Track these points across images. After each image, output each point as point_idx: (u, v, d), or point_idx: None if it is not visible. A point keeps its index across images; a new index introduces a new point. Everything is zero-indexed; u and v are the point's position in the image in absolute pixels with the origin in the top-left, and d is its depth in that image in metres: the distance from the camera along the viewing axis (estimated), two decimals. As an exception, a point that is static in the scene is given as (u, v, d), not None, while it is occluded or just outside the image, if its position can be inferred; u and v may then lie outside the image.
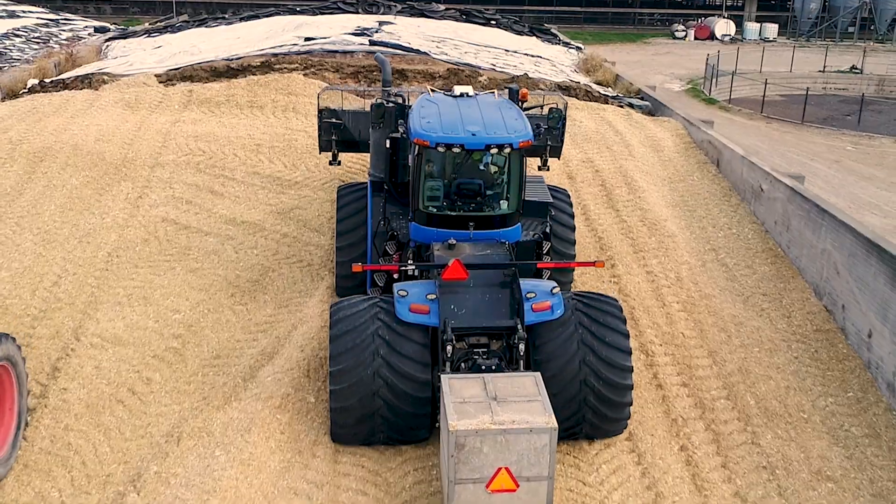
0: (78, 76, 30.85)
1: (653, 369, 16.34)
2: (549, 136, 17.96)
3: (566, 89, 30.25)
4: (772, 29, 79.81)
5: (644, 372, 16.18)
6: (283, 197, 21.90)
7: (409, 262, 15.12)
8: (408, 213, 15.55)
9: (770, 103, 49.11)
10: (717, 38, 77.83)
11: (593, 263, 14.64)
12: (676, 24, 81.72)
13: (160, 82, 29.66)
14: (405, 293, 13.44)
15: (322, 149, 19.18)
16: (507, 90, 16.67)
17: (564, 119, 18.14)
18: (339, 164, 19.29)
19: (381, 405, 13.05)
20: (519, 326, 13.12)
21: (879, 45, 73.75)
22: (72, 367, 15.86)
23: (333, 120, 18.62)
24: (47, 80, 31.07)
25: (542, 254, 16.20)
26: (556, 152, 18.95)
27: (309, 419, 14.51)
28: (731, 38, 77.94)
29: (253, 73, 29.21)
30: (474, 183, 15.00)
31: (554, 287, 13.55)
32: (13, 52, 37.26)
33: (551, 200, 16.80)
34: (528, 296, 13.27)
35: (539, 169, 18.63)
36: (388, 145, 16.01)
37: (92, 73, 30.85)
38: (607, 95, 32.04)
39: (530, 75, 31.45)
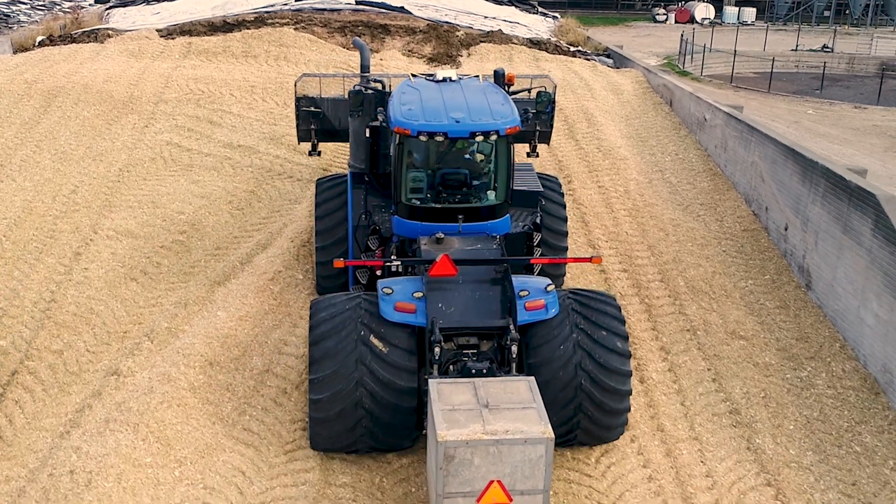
0: (84, 31, 33.25)
1: (598, 259, 18.75)
2: (537, 121, 17.08)
3: (537, 44, 32.76)
4: (750, 13, 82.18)
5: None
6: (275, 127, 24.24)
7: (393, 257, 14.20)
8: (390, 206, 14.64)
9: (743, 79, 51.47)
10: (696, 22, 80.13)
11: (590, 259, 13.71)
12: (657, 8, 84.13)
13: (161, 36, 32.07)
14: (390, 291, 12.47)
15: (301, 139, 18.02)
16: (493, 74, 15.70)
17: (554, 102, 17.14)
18: (319, 154, 18.12)
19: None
20: (511, 326, 12.19)
21: (854, 29, 76.07)
22: (91, 252, 18.26)
23: (312, 108, 17.54)
24: (56, 36, 33.35)
25: (533, 246, 15.25)
26: (546, 138, 17.97)
27: (297, 290, 16.89)
28: (710, 22, 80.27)
29: (247, 27, 31.65)
30: (460, 173, 14.19)
31: (548, 284, 12.71)
32: (21, 17, 39.59)
33: (541, 189, 15.88)
34: (521, 293, 12.44)
35: (528, 156, 17.85)
36: (367, 134, 15.06)
37: (97, 29, 33.24)
38: (576, 50, 34.46)
39: (504, 31, 33.89)
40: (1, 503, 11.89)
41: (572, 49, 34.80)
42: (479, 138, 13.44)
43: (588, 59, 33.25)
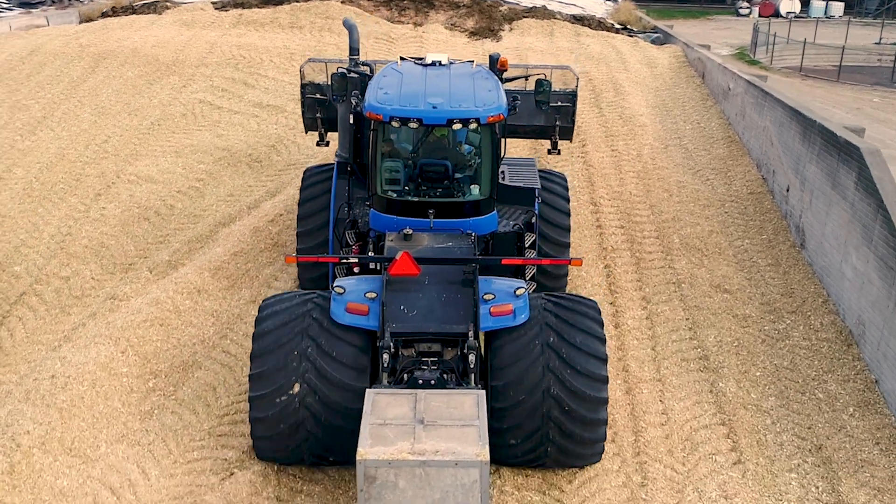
0: (145, 3, 34.90)
1: (597, 216, 18.99)
2: (557, 115, 15.65)
3: (580, 20, 32.90)
4: (837, 7, 79.86)
5: (589, 217, 18.87)
6: (306, 90, 25.08)
7: (368, 253, 13.22)
8: None
9: (817, 70, 50.25)
10: (781, 16, 78.42)
11: (569, 261, 12.42)
12: (741, 1, 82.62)
13: (216, 8, 33.49)
14: (342, 290, 11.28)
15: (308, 128, 16.85)
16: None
17: (575, 95, 15.77)
18: (328, 144, 16.86)
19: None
20: (470, 334, 10.99)
21: (948, 24, 73.39)
22: (111, 194, 19.37)
23: (318, 96, 16.43)
24: (119, 8, 35.07)
25: (524, 248, 13.83)
26: (568, 134, 16.18)
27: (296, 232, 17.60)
28: (795, 16, 78.50)
29: (296, 0, 32.65)
30: (440, 164, 13.00)
31: (518, 287, 11.39)
32: (94, -7, 41.75)
33: (538, 186, 14.54)
34: (486, 297, 11.22)
35: (549, 153, 16.53)
36: (351, 121, 14.09)
37: (157, 1, 34.87)
38: (621, 28, 34.48)
39: (548, 7, 34.14)
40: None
41: (616, 26, 34.79)
42: (458, 126, 12.23)
43: (631, 36, 33.26)
